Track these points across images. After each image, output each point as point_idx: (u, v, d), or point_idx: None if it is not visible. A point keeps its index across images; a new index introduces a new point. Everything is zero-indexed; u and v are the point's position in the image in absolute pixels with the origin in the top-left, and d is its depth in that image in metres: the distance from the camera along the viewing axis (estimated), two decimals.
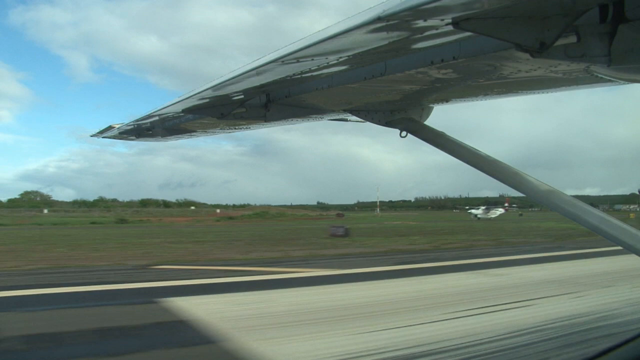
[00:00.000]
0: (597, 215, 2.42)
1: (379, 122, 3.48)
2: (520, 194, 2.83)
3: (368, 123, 3.64)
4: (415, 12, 1.55)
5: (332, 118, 4.10)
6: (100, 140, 5.55)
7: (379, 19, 1.59)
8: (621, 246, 2.31)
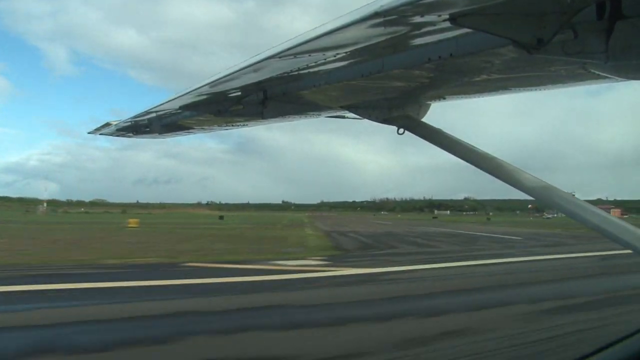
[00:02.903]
0: (597, 214, 2.40)
1: (376, 119, 3.48)
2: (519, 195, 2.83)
3: (366, 120, 3.64)
4: (412, 7, 1.55)
5: (329, 115, 4.09)
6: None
7: (376, 14, 1.59)
8: (622, 245, 2.30)
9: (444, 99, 3.34)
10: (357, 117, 3.66)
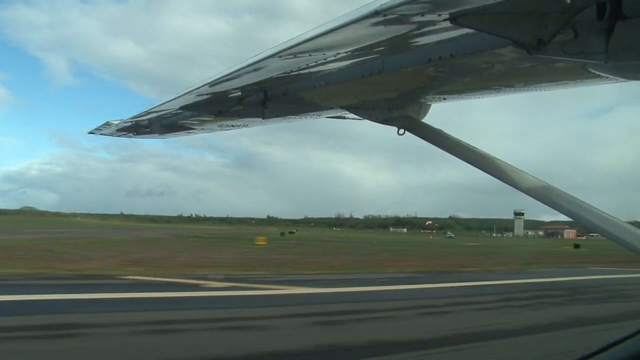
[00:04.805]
0: (596, 213, 2.40)
1: (376, 120, 3.47)
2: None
3: (366, 121, 3.64)
4: (412, 6, 1.55)
5: (329, 116, 4.09)
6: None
7: (376, 12, 1.59)
8: (621, 245, 2.30)
9: (445, 99, 3.34)
10: (357, 117, 3.65)
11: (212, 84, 2.92)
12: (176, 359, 7.73)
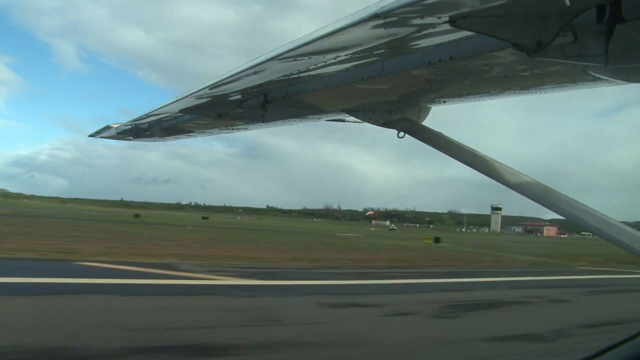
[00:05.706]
0: (596, 216, 2.40)
1: (376, 123, 3.48)
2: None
3: (366, 124, 3.64)
4: (411, 9, 1.56)
5: (329, 118, 4.09)
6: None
7: (375, 15, 1.59)
8: (621, 247, 2.30)
9: (445, 102, 3.34)
10: (357, 120, 3.66)
11: (212, 86, 2.93)
12: None
